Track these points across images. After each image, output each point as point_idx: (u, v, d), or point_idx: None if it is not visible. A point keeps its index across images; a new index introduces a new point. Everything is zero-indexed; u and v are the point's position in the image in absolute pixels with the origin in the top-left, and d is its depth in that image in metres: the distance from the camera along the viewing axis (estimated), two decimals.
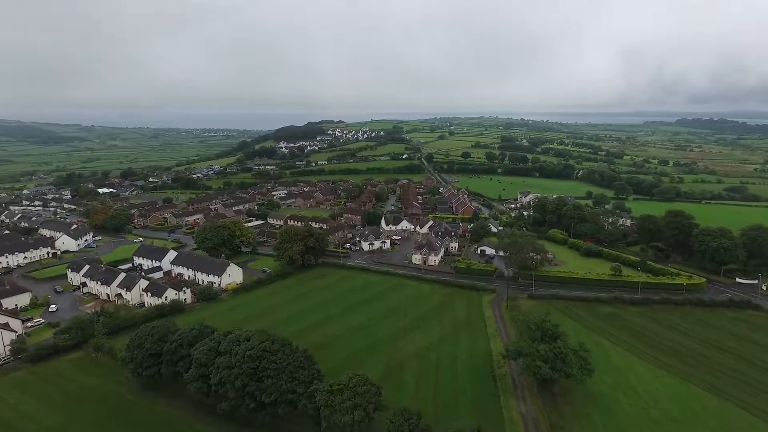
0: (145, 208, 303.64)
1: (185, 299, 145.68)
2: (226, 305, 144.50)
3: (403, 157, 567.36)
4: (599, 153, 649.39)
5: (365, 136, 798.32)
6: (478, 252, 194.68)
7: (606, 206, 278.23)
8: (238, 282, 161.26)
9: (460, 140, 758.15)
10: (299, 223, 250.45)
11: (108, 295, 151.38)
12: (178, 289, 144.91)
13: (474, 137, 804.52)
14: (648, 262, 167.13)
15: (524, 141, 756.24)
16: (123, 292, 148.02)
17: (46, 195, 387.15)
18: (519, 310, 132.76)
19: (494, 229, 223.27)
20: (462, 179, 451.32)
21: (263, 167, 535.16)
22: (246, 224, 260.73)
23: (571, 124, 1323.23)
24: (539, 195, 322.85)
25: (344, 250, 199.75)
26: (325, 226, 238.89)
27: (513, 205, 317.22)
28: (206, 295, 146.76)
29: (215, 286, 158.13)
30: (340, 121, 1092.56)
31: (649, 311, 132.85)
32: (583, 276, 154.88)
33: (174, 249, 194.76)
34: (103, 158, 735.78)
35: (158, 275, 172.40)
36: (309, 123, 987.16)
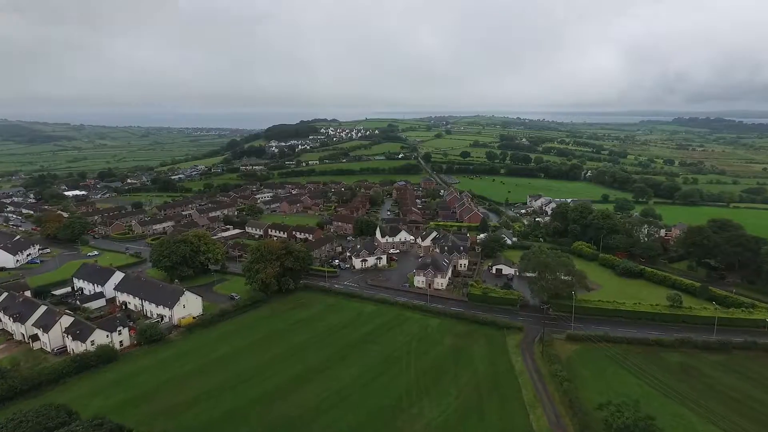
0: (110, 214, 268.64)
1: (121, 341, 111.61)
2: (174, 350, 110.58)
3: (399, 156, 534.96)
4: (602, 152, 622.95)
5: (359, 134, 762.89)
6: (494, 271, 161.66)
7: (632, 213, 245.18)
8: (195, 315, 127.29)
9: (458, 139, 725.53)
10: (281, 232, 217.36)
11: (23, 335, 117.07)
12: (111, 329, 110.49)
13: (472, 136, 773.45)
14: (710, 288, 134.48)
15: (524, 140, 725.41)
16: (39, 332, 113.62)
17: (5, 199, 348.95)
18: (559, 359, 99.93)
19: (509, 242, 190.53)
20: (462, 180, 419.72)
21: (250, 167, 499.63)
22: (221, 233, 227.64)
23: (567, 123, 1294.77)
24: (552, 199, 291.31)
25: (332, 269, 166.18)
26: (310, 237, 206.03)
27: (523, 211, 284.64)
28: (148, 337, 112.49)
29: (165, 320, 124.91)
30: (333, 120, 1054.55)
31: (732, 361, 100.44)
32: (632, 308, 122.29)
33: (123, 268, 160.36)
34: (90, 158, 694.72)
35: (99, 304, 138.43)
36: (301, 121, 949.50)
